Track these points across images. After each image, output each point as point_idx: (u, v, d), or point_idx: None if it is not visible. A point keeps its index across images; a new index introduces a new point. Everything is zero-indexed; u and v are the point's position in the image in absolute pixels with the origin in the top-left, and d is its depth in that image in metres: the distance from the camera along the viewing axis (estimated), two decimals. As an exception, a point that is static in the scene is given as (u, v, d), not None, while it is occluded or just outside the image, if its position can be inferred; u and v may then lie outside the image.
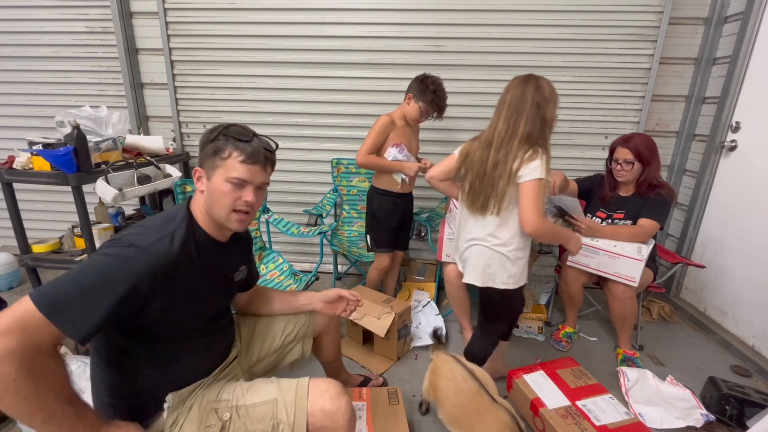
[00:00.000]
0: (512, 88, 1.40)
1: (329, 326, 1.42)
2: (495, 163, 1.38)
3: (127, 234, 0.89)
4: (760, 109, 2.13)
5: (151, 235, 0.88)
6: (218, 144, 0.95)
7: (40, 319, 0.71)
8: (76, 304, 0.75)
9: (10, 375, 0.66)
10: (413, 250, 2.98)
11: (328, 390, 0.99)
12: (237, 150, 0.94)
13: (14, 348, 0.67)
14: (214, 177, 0.96)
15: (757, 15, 2.12)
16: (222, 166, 0.95)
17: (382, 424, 1.47)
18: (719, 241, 2.32)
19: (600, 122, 2.61)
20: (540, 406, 1.48)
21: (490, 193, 1.40)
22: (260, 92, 2.71)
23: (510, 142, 1.36)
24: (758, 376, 1.97)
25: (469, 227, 1.53)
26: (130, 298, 0.81)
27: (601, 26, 2.45)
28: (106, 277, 0.79)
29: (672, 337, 2.31)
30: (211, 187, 0.96)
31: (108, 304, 0.78)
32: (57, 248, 2.07)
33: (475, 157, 1.46)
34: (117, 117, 2.09)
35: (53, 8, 2.66)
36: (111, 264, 0.81)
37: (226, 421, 0.97)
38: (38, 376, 0.70)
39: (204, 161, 0.97)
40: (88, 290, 0.77)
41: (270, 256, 2.26)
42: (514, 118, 1.37)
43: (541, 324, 2.29)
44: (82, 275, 0.78)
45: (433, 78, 1.95)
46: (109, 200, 1.85)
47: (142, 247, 0.84)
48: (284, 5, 2.53)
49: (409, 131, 2.09)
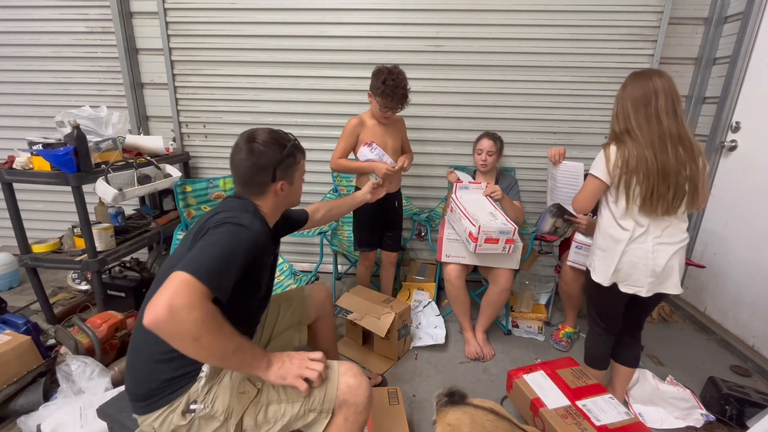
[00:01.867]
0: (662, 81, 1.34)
1: (323, 311, 1.53)
2: (682, 163, 1.32)
3: (224, 216, 1.01)
4: (760, 109, 2.13)
5: (245, 217, 1.02)
6: (294, 156, 1.15)
7: (202, 287, 0.85)
8: (222, 274, 0.89)
9: (199, 318, 0.82)
10: (413, 250, 2.98)
11: (351, 368, 1.10)
12: (301, 153, 1.19)
13: (194, 301, 0.82)
14: (295, 180, 1.19)
15: (757, 15, 2.12)
16: (298, 169, 1.19)
17: (382, 424, 1.47)
18: (719, 241, 2.32)
19: (600, 122, 2.61)
20: (540, 406, 1.48)
21: (677, 192, 1.33)
22: (260, 92, 2.71)
23: (685, 138, 1.33)
24: (758, 376, 1.97)
25: (653, 234, 1.40)
26: (245, 264, 0.96)
27: (601, 26, 2.45)
28: (232, 250, 0.93)
29: (672, 337, 2.31)
30: (294, 188, 1.21)
31: (236, 270, 0.93)
32: (57, 248, 2.07)
33: (643, 161, 1.33)
34: (117, 117, 2.09)
35: (53, 8, 2.66)
36: (232, 239, 0.95)
37: (260, 387, 1.05)
38: (216, 317, 0.86)
39: (284, 173, 1.14)
40: (225, 261, 0.91)
41: (270, 256, 2.26)
42: (674, 114, 1.33)
43: (541, 324, 2.29)
44: (216, 250, 0.91)
45: (387, 68, 1.88)
46: (109, 200, 1.86)
47: (246, 225, 0.99)
48: (284, 5, 2.53)
49: (382, 129, 2.04)
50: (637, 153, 1.33)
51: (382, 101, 1.89)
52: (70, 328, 1.80)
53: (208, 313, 0.84)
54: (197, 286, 0.84)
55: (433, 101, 2.64)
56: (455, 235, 1.99)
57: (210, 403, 1.01)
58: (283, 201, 1.19)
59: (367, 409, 1.08)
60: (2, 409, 1.54)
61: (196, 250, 0.92)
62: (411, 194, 2.83)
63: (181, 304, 0.80)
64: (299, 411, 1.03)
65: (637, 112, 1.35)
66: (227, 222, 0.99)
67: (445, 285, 2.11)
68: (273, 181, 1.12)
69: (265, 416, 1.03)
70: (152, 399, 1.00)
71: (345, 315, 1.96)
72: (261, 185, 1.12)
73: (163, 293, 0.81)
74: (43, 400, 1.56)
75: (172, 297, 0.80)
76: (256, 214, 1.10)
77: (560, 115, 2.61)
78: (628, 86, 1.39)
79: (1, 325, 1.82)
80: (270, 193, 1.14)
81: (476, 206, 1.96)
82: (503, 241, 1.80)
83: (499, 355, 2.09)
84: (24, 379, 1.60)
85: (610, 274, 1.46)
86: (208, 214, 1.08)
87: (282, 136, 1.14)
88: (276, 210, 1.20)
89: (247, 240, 0.98)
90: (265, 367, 0.96)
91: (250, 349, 0.94)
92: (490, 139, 2.17)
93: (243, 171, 1.11)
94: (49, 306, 2.14)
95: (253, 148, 1.09)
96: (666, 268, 1.40)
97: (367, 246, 2.21)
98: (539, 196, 2.75)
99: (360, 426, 1.07)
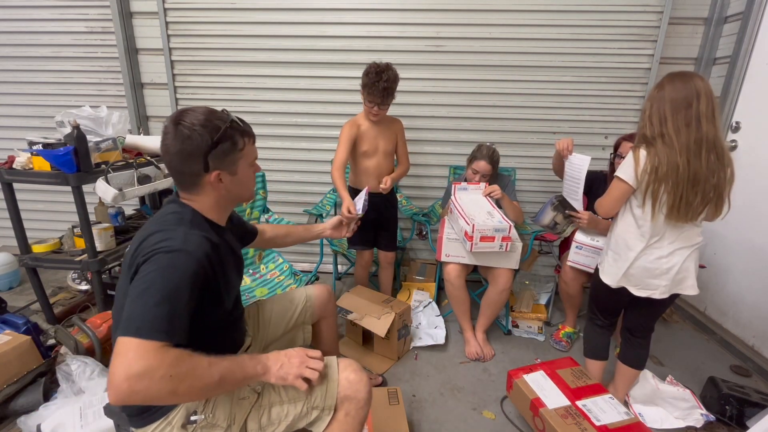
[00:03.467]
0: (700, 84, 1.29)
1: (326, 311, 1.51)
2: (712, 170, 1.28)
3: (154, 241, 0.88)
4: (760, 109, 2.13)
5: (177, 236, 0.90)
6: (232, 140, 0.97)
7: (153, 343, 0.78)
8: (171, 319, 0.81)
9: (165, 374, 0.76)
10: (413, 250, 2.98)
11: (351, 364, 1.10)
12: (246, 136, 1.01)
13: (152, 363, 0.76)
14: (239, 170, 1.02)
15: (757, 15, 2.12)
16: (243, 156, 1.01)
17: (382, 424, 1.47)
18: (719, 240, 2.32)
19: (600, 122, 2.61)
20: (540, 406, 1.48)
21: (703, 200, 1.31)
22: (260, 92, 2.71)
23: (719, 145, 1.29)
24: (758, 376, 1.97)
25: (668, 239, 1.40)
26: (195, 292, 0.88)
27: (601, 26, 2.44)
28: (172, 287, 0.83)
29: (672, 337, 2.31)
30: (239, 178, 1.03)
31: (186, 306, 0.85)
32: (57, 248, 2.06)
33: (674, 168, 1.29)
34: (117, 117, 2.08)
35: (53, 8, 2.66)
36: (168, 274, 0.84)
37: (260, 392, 1.03)
38: (184, 361, 0.80)
39: (219, 161, 0.96)
40: (169, 303, 0.81)
41: (270, 256, 2.26)
42: (713, 119, 1.28)
43: (541, 324, 2.29)
44: (154, 296, 0.81)
45: (376, 63, 1.89)
46: (109, 200, 1.85)
47: (179, 249, 0.87)
48: (284, 5, 2.53)
49: (376, 131, 2.04)
50: (668, 160, 1.28)
51: (366, 95, 1.91)
52: (70, 328, 1.80)
53: (173, 364, 0.77)
54: (148, 345, 0.76)
55: (433, 101, 2.64)
56: (455, 234, 1.99)
57: (210, 413, 0.99)
58: (227, 195, 1.03)
59: (368, 404, 1.08)
60: (2, 409, 1.54)
61: (132, 302, 0.81)
62: (410, 194, 2.83)
63: (139, 372, 0.73)
64: (302, 410, 1.03)
65: (677, 114, 1.28)
66: (158, 251, 0.86)
67: (445, 285, 2.11)
68: (206, 171, 0.95)
69: (268, 418, 1.03)
70: (146, 413, 0.98)
71: (345, 315, 1.96)
72: (192, 176, 0.96)
73: (116, 367, 0.74)
74: (43, 400, 1.56)
75: (127, 368, 0.74)
76: (193, 223, 0.96)
77: (560, 115, 2.61)
78: (666, 87, 1.31)
79: (1, 325, 1.82)
80: (206, 187, 0.99)
81: (474, 206, 1.96)
82: (499, 238, 1.80)
83: (499, 355, 2.09)
84: (24, 379, 1.60)
85: (620, 277, 1.47)
86: (138, 237, 0.95)
87: (217, 116, 0.96)
88: (221, 207, 1.05)
89: (187, 267, 0.86)
90: (262, 373, 0.93)
91: (238, 367, 0.88)
92: (489, 163, 2.09)
93: (169, 159, 0.96)
94: (49, 306, 2.13)
95: (178, 132, 0.92)
96: (681, 270, 1.40)
97: (359, 244, 2.22)
98: (539, 196, 2.75)
99: (361, 421, 1.08)
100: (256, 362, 0.93)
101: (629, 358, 1.66)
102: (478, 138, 2.58)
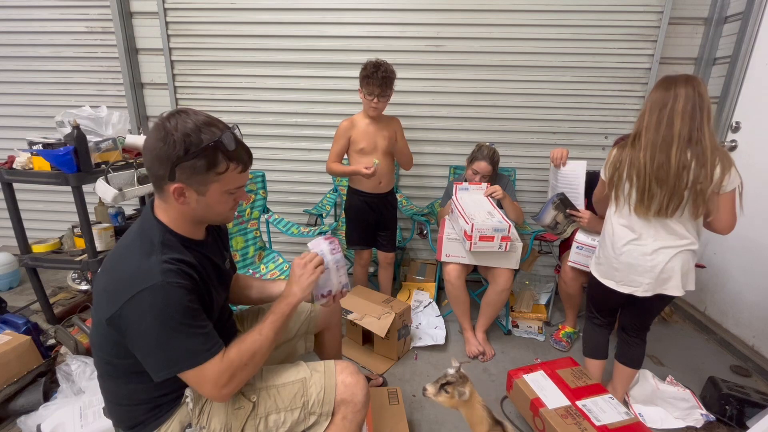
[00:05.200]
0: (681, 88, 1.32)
1: (331, 322, 1.45)
2: (684, 166, 1.31)
3: (124, 282, 0.84)
4: (760, 109, 2.13)
5: (153, 269, 0.84)
6: (210, 160, 0.86)
7: (214, 359, 0.89)
8: (205, 336, 0.89)
9: (238, 364, 0.91)
10: (413, 250, 2.98)
11: (347, 367, 1.10)
12: (233, 162, 0.89)
13: (227, 371, 0.90)
14: (208, 192, 0.90)
15: (757, 15, 2.12)
16: (218, 180, 0.89)
17: (383, 423, 1.47)
18: (719, 240, 2.31)
19: (600, 122, 2.61)
20: (540, 406, 1.48)
21: (673, 195, 1.33)
22: (260, 92, 2.71)
23: (699, 142, 1.31)
24: (758, 376, 1.97)
25: (651, 236, 1.42)
26: (196, 306, 0.89)
27: (601, 26, 2.44)
28: (173, 321, 0.84)
29: (672, 337, 2.31)
30: (206, 201, 0.91)
31: (198, 320, 0.88)
32: (57, 248, 2.06)
33: (636, 163, 1.36)
34: (117, 117, 2.08)
35: (53, 8, 2.65)
36: (159, 311, 0.83)
37: (255, 401, 1.02)
38: (239, 348, 0.93)
39: (188, 176, 0.86)
40: (180, 332, 0.85)
41: (270, 256, 2.26)
42: (692, 118, 1.30)
43: (541, 324, 2.29)
44: (164, 337, 0.84)
45: (367, 61, 1.93)
46: (109, 200, 1.85)
47: (160, 284, 0.82)
48: (284, 5, 2.53)
49: (374, 129, 2.04)
50: (630, 156, 1.38)
51: (365, 86, 1.92)
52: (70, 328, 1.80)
53: (238, 357, 0.91)
54: (213, 363, 0.87)
55: (433, 101, 2.64)
56: (455, 234, 1.99)
57: (206, 424, 0.99)
58: (191, 213, 0.92)
59: (365, 408, 1.08)
60: (2, 409, 1.54)
61: (165, 343, 0.84)
62: (410, 194, 2.83)
63: (226, 382, 0.89)
64: (299, 416, 1.03)
65: (652, 113, 1.35)
66: (141, 297, 0.81)
67: (445, 285, 2.11)
68: (171, 180, 0.86)
69: (266, 426, 1.01)
70: (140, 425, 0.98)
71: (345, 315, 1.96)
72: (158, 178, 0.87)
73: (208, 389, 0.90)
74: (43, 400, 1.56)
75: (217, 385, 0.89)
76: (164, 240, 0.90)
77: (560, 115, 2.61)
78: (654, 88, 1.39)
79: (1, 325, 1.82)
80: (167, 194, 0.89)
81: (475, 206, 1.96)
82: (498, 238, 1.80)
83: (499, 355, 2.09)
84: (24, 379, 1.60)
85: (606, 270, 1.51)
86: (110, 267, 0.90)
87: (208, 130, 0.85)
88: (188, 222, 0.95)
89: (174, 296, 0.83)
90: (294, 303, 1.02)
91: (278, 316, 1.00)
92: (489, 164, 2.10)
93: (144, 152, 0.88)
94: (49, 306, 2.13)
95: (160, 129, 0.85)
96: (666, 269, 1.41)
97: (358, 244, 2.22)
98: (539, 196, 2.75)
99: (358, 424, 1.07)
100: (284, 302, 1.01)
101: (625, 356, 1.67)
102: (477, 138, 2.58)
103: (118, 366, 0.94)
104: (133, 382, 0.95)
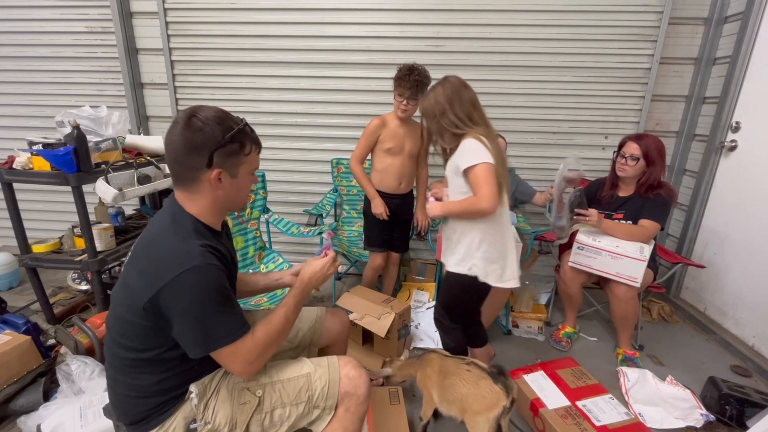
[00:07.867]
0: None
1: (337, 339, 1.43)
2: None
3: (178, 267, 0.88)
4: (760, 109, 2.13)
5: (192, 252, 0.90)
6: (241, 143, 0.97)
7: (244, 338, 0.95)
8: (234, 316, 0.95)
9: (265, 343, 0.99)
10: (413, 250, 2.98)
11: (350, 361, 1.13)
12: (254, 144, 1.01)
13: (255, 349, 0.97)
14: (239, 174, 0.99)
15: (757, 15, 2.12)
16: (246, 161, 0.99)
17: (383, 423, 1.47)
18: (719, 241, 2.32)
19: (600, 122, 2.61)
20: (540, 406, 1.48)
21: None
22: (260, 92, 2.71)
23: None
24: (758, 376, 1.97)
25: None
26: (227, 288, 0.95)
27: (601, 26, 2.45)
28: (213, 301, 0.90)
29: (672, 337, 2.31)
30: (238, 183, 1.00)
31: (230, 300, 0.95)
32: (57, 248, 2.06)
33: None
34: (117, 117, 2.08)
35: (53, 8, 2.66)
36: (202, 292, 0.89)
37: (261, 396, 1.04)
38: (265, 328, 1.00)
39: (224, 160, 0.94)
40: (219, 312, 0.92)
41: (270, 256, 2.26)
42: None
43: (541, 324, 2.29)
44: (203, 316, 0.90)
45: (405, 64, 1.92)
46: (109, 200, 1.85)
47: (201, 265, 0.89)
48: (284, 5, 2.53)
49: (403, 131, 2.04)
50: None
51: (396, 87, 1.92)
52: (70, 328, 1.80)
53: (265, 335, 0.98)
54: (244, 342, 0.94)
55: (433, 101, 2.63)
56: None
57: (211, 419, 1.00)
58: (223, 198, 1.00)
59: (367, 400, 1.10)
60: (2, 409, 1.54)
61: (205, 321, 0.90)
62: (411, 194, 2.82)
63: (255, 359, 0.96)
64: (304, 410, 1.05)
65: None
66: (177, 275, 0.86)
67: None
68: (209, 166, 0.93)
69: (271, 421, 1.04)
70: (143, 421, 0.99)
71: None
72: (193, 170, 0.93)
73: (237, 366, 0.96)
74: (43, 400, 1.56)
75: (246, 362, 0.96)
76: (196, 227, 0.97)
77: (560, 115, 2.61)
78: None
79: (1, 325, 1.82)
80: (204, 184, 0.95)
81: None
82: None
83: (499, 355, 2.09)
84: (24, 379, 1.60)
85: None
86: (145, 251, 0.96)
87: (231, 118, 0.96)
88: (216, 210, 1.02)
89: (214, 278, 0.90)
90: (305, 298, 1.10)
91: (282, 307, 1.05)
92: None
93: (174, 148, 0.93)
94: (49, 306, 2.13)
95: (191, 123, 0.91)
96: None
97: (377, 246, 2.20)
98: (539, 196, 2.75)
99: (360, 417, 1.09)
100: (291, 298, 1.08)
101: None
102: (478, 138, 2.57)
103: (137, 356, 0.95)
104: (146, 373, 0.97)
